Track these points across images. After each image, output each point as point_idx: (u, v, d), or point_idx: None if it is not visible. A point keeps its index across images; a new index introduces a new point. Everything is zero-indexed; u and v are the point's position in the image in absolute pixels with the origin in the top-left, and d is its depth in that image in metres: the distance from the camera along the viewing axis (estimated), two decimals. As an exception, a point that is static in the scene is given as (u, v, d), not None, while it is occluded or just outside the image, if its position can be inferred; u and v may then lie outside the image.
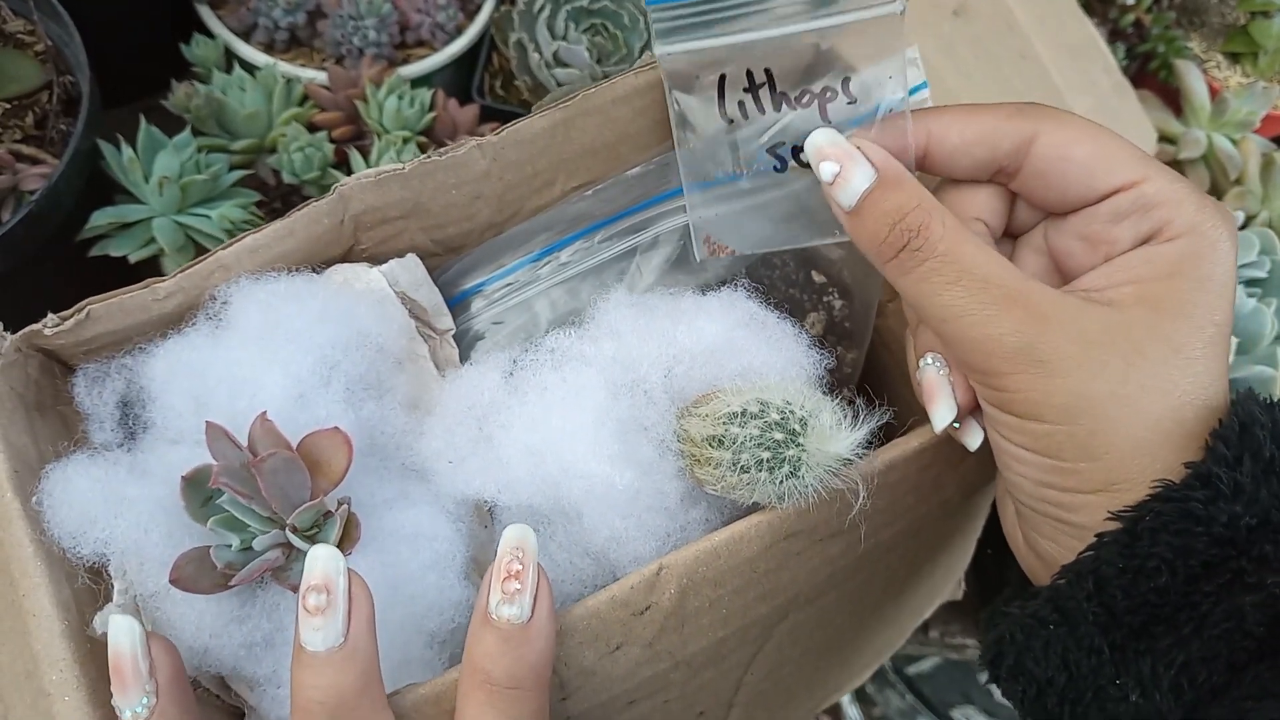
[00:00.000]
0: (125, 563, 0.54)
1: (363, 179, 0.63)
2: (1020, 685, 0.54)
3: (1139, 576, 0.47)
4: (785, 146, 0.58)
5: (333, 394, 0.58)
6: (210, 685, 0.57)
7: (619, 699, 0.58)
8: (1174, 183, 0.53)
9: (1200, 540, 0.46)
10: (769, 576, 0.58)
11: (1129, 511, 0.48)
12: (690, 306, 0.60)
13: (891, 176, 0.54)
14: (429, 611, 0.56)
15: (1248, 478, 0.46)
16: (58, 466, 0.55)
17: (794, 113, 0.58)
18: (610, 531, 0.56)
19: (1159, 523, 0.47)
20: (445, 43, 0.98)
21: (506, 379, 0.60)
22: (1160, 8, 1.11)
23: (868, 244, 0.54)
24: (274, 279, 0.60)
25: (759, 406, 0.54)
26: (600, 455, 0.56)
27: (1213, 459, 0.47)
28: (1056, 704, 0.52)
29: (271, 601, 0.55)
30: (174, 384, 0.57)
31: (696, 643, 0.58)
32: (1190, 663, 0.47)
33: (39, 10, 0.84)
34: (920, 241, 0.52)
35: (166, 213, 0.84)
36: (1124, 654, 0.49)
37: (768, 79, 0.58)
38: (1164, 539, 0.47)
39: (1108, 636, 0.49)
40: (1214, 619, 0.47)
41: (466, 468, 0.59)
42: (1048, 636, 0.51)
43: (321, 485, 0.54)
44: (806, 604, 0.63)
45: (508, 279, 0.69)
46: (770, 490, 0.54)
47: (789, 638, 0.65)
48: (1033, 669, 0.52)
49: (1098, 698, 0.50)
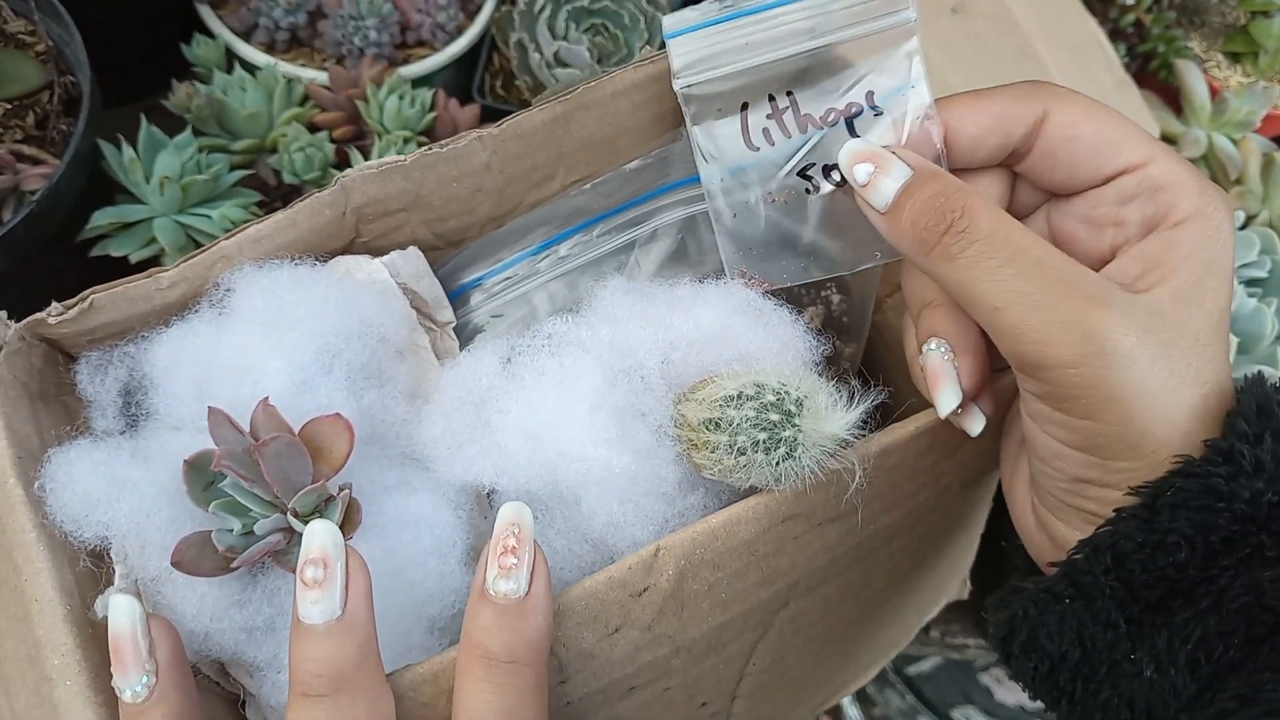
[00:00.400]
0: (126, 547, 0.54)
1: (365, 170, 0.63)
2: (1032, 662, 0.53)
3: (1158, 551, 0.47)
4: (816, 167, 0.58)
5: (334, 382, 0.58)
6: (209, 671, 0.57)
7: (619, 684, 0.58)
8: (1177, 164, 0.52)
9: (1222, 516, 0.46)
10: (768, 560, 0.58)
11: (1148, 487, 0.47)
12: (687, 294, 0.60)
13: (927, 171, 0.53)
14: (429, 598, 0.56)
15: (1269, 455, 0.46)
16: (60, 451, 0.55)
17: (821, 132, 0.58)
18: (608, 516, 0.56)
19: (1179, 498, 0.46)
20: (446, 43, 0.98)
21: (505, 365, 0.60)
22: (1160, 7, 1.11)
23: (907, 236, 0.52)
24: (278, 266, 0.60)
25: (755, 389, 0.54)
26: (597, 439, 0.56)
27: (1235, 435, 0.46)
28: (1069, 680, 0.51)
29: (272, 586, 0.55)
30: (177, 370, 0.57)
31: (697, 627, 0.58)
32: (1207, 637, 0.47)
33: (40, 10, 0.85)
34: (965, 223, 0.50)
35: (167, 213, 0.85)
36: (1140, 628, 0.49)
37: (791, 102, 0.57)
38: (1184, 514, 0.46)
39: (1124, 611, 0.49)
40: (1232, 593, 0.46)
41: (465, 453, 0.59)
42: (1062, 611, 0.51)
43: (323, 471, 0.54)
44: (807, 591, 0.63)
45: (506, 273, 0.69)
46: (767, 472, 0.54)
47: (791, 627, 0.65)
48: (1046, 645, 0.52)
49: (1111, 673, 0.50)
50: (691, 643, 0.59)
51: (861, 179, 0.54)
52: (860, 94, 0.57)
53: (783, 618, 0.64)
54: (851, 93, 0.57)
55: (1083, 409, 0.48)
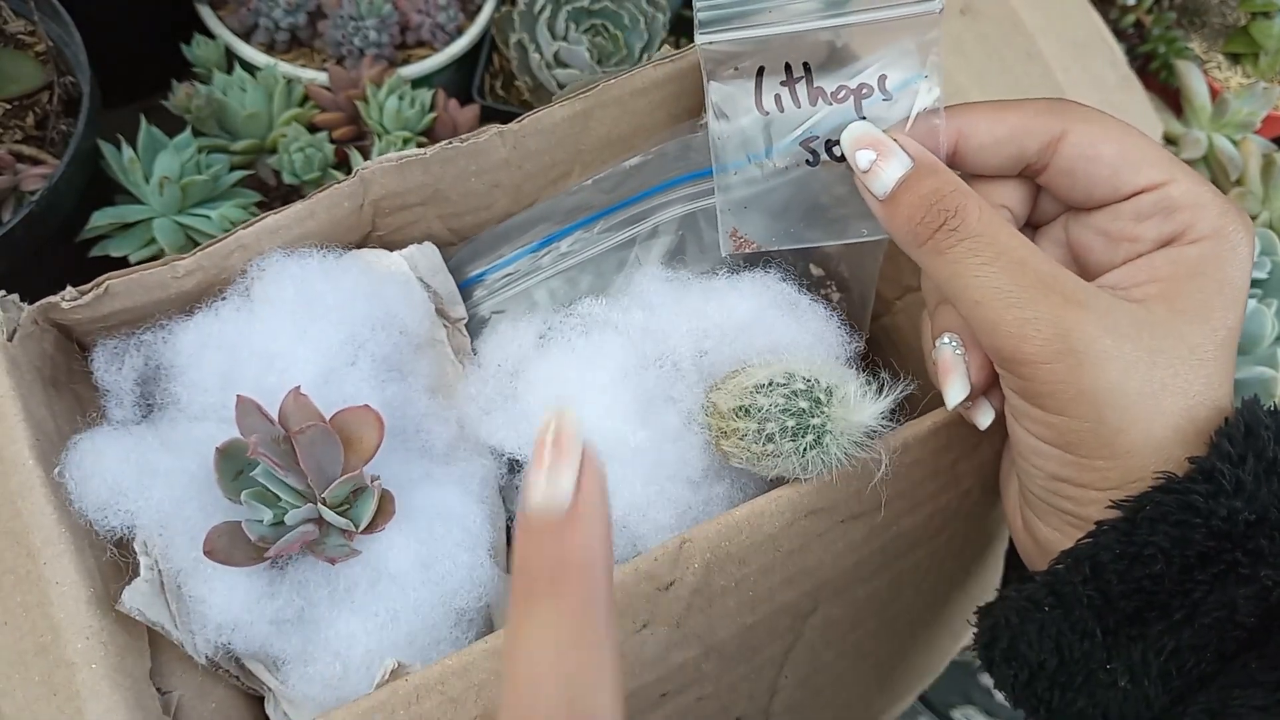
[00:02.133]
0: (153, 537, 0.54)
1: (384, 163, 0.63)
2: (1013, 670, 0.53)
3: (1135, 563, 0.48)
4: (820, 140, 0.58)
5: (360, 373, 0.58)
6: (230, 667, 0.56)
7: (651, 688, 0.58)
8: (1199, 185, 0.53)
9: (1198, 532, 0.47)
10: (793, 558, 0.58)
11: (1130, 501, 0.48)
12: (723, 285, 0.60)
13: (927, 164, 0.54)
14: (459, 589, 0.55)
15: (1250, 475, 0.47)
16: (85, 438, 0.54)
17: (829, 108, 0.58)
18: (631, 497, 0.57)
19: (1159, 513, 0.47)
20: (446, 43, 0.98)
21: (539, 340, 0.61)
22: (1161, 8, 1.11)
23: (902, 227, 0.54)
24: (308, 255, 0.60)
25: (785, 377, 0.54)
26: (614, 412, 0.56)
27: (1217, 455, 0.47)
28: (1046, 688, 0.52)
29: (301, 578, 0.54)
30: (202, 358, 0.57)
31: (725, 627, 0.58)
32: (1180, 650, 0.48)
33: (39, 10, 0.84)
34: (957, 222, 0.51)
35: (167, 213, 0.84)
36: (1116, 639, 0.49)
37: (805, 73, 0.58)
38: (1162, 529, 0.47)
39: (1101, 621, 0.49)
40: (1206, 608, 0.47)
41: (493, 420, 0.59)
42: (1042, 620, 0.51)
43: (353, 462, 0.53)
44: (834, 595, 0.63)
45: (508, 268, 0.69)
46: (794, 462, 0.54)
47: (821, 638, 0.65)
48: (1025, 652, 0.52)
49: (1088, 683, 0.51)
50: (721, 644, 0.58)
51: (864, 165, 0.55)
52: (874, 77, 0.57)
53: (812, 625, 0.63)
54: (865, 74, 0.57)
55: (1057, 404, 0.49)
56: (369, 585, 0.54)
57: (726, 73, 0.57)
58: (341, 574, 0.55)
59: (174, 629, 0.54)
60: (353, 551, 0.54)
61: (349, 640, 0.54)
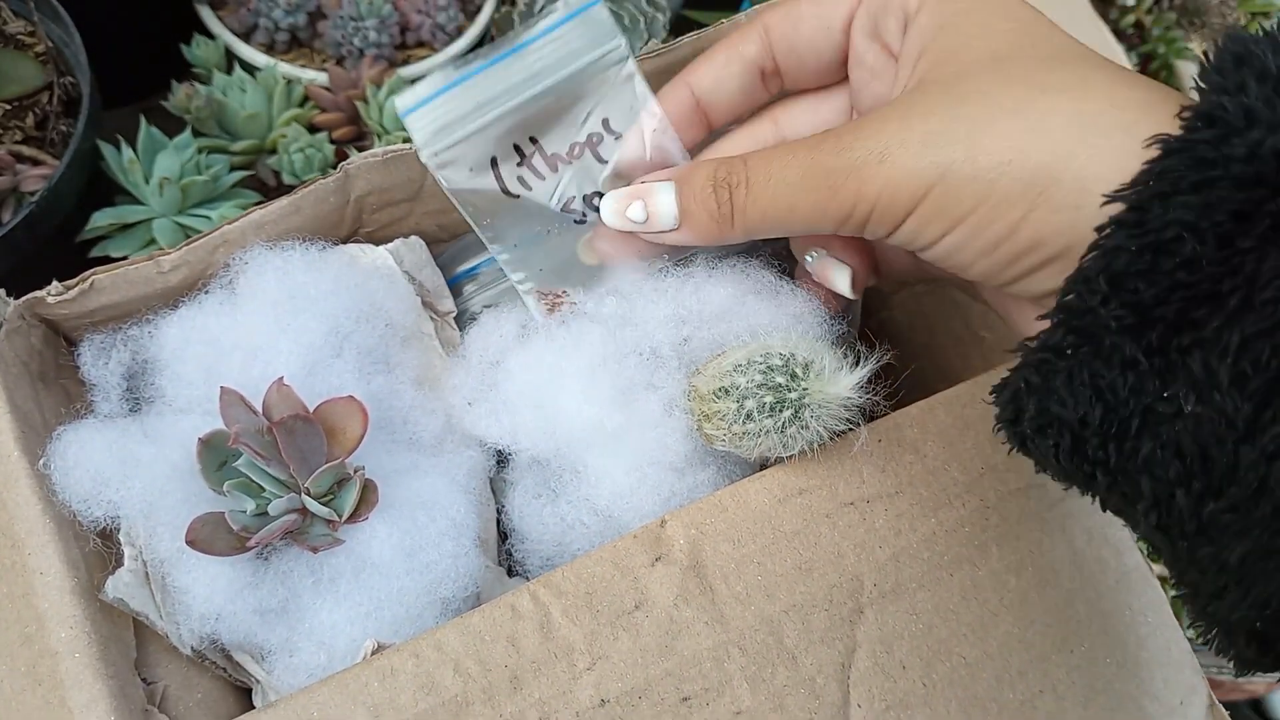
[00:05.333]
0: (137, 528, 0.54)
1: (369, 158, 0.63)
2: (1051, 439, 0.44)
3: (1160, 255, 0.39)
4: (576, 199, 0.60)
5: (344, 365, 0.58)
6: (216, 658, 0.56)
7: (663, 684, 0.53)
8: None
9: (1222, 186, 0.38)
10: (800, 540, 0.55)
11: (1127, 188, 0.40)
12: (700, 273, 0.60)
13: (684, 170, 0.55)
14: (444, 578, 0.55)
15: (1259, 100, 0.38)
16: (70, 429, 0.55)
17: (571, 166, 0.59)
18: (614, 485, 0.57)
19: (1167, 184, 0.39)
20: (446, 44, 0.98)
21: (521, 330, 0.61)
22: (1161, 9, 1.11)
23: (712, 229, 0.53)
24: (290, 248, 0.60)
25: (762, 355, 0.54)
26: (591, 398, 0.56)
27: (1212, 92, 0.39)
28: (1098, 447, 0.42)
29: (285, 568, 0.54)
30: (186, 351, 0.57)
31: (740, 617, 0.54)
32: (1247, 341, 0.38)
33: (39, 11, 0.85)
34: (739, 177, 0.51)
35: (167, 214, 0.84)
36: (1165, 358, 0.40)
37: (536, 148, 0.59)
38: (1179, 201, 0.38)
39: (1140, 342, 0.40)
40: (1263, 279, 0.37)
41: (477, 410, 0.60)
42: (1068, 367, 0.42)
43: (336, 452, 0.54)
44: (882, 598, 0.56)
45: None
46: (775, 439, 0.53)
47: (890, 655, 0.57)
48: (1059, 412, 0.43)
49: (1147, 422, 0.41)
50: (740, 637, 0.54)
51: (640, 217, 0.55)
52: (597, 123, 0.59)
53: (868, 635, 0.56)
54: (588, 124, 0.59)
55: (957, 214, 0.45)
56: (353, 574, 0.54)
57: (464, 177, 0.58)
58: (325, 563, 0.55)
59: (159, 619, 0.54)
60: (336, 541, 0.54)
61: (333, 630, 0.54)
